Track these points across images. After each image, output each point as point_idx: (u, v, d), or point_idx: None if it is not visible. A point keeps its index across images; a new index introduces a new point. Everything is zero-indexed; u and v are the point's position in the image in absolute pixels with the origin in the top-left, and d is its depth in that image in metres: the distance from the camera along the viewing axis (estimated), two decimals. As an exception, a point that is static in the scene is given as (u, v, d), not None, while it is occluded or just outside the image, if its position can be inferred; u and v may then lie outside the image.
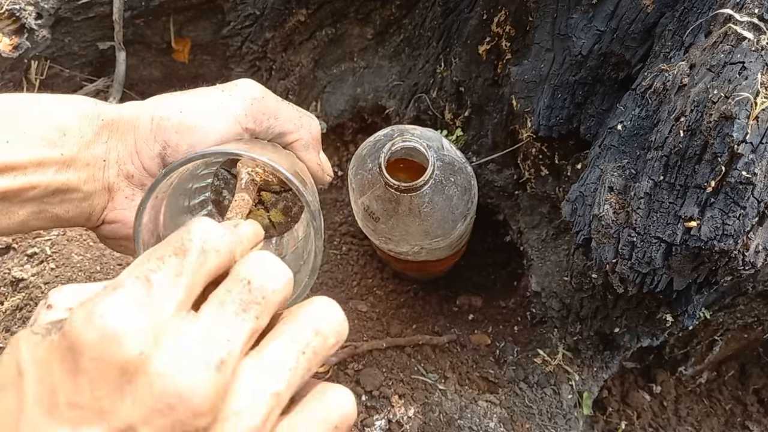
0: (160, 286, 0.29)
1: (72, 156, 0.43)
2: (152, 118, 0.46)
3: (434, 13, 0.89)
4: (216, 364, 0.28)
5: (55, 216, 0.45)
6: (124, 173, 0.46)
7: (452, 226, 0.72)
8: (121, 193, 0.47)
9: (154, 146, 0.45)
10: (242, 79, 0.50)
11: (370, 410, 0.76)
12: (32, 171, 0.42)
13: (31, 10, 0.92)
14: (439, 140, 0.72)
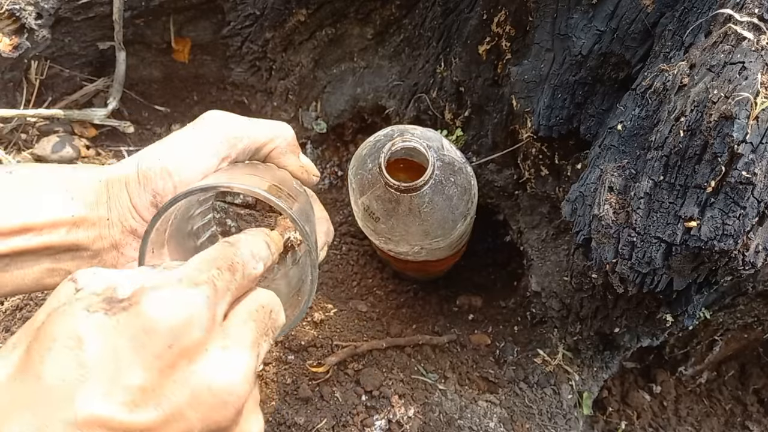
0: (220, 294, 0.35)
1: (81, 217, 0.47)
2: (138, 172, 0.48)
3: (434, 13, 0.90)
4: (251, 375, 0.35)
5: (68, 273, 0.47)
6: (128, 229, 0.49)
7: (452, 226, 0.72)
8: (129, 248, 0.49)
9: (145, 197, 0.48)
10: (207, 112, 0.53)
11: (370, 410, 0.76)
12: (47, 231, 0.45)
13: (31, 10, 0.92)
14: (439, 140, 0.72)
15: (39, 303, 0.86)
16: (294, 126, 1.13)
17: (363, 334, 0.86)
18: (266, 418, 0.76)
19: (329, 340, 0.83)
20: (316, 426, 0.74)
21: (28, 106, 1.00)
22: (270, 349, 0.41)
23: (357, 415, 0.75)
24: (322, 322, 0.85)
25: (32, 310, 0.85)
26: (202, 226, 0.56)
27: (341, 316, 0.87)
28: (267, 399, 0.78)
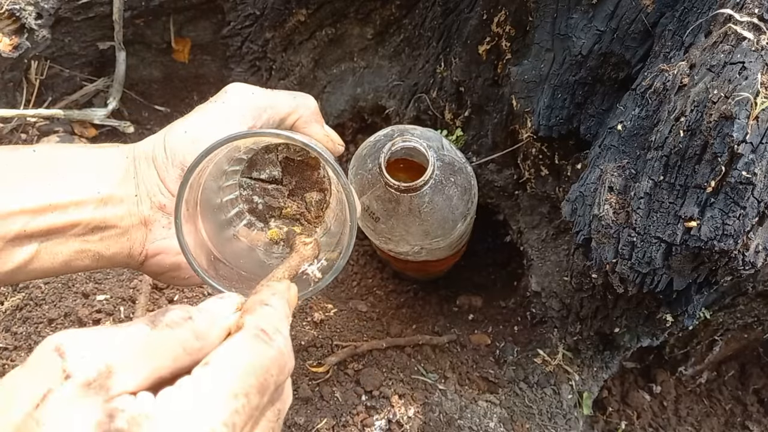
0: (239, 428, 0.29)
1: (108, 194, 0.47)
2: (165, 147, 0.48)
3: (434, 13, 0.89)
4: None
5: (97, 254, 0.48)
6: (156, 205, 0.49)
7: (452, 226, 0.72)
8: (158, 224, 0.49)
9: (173, 171, 0.48)
10: (229, 84, 0.53)
11: (370, 410, 0.76)
12: (73, 209, 0.45)
13: (31, 10, 0.92)
14: (439, 140, 0.72)
15: (38, 303, 0.86)
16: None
17: (363, 334, 0.86)
18: (266, 418, 0.76)
19: (329, 340, 0.83)
20: (316, 426, 0.74)
21: (28, 106, 1.00)
22: None
23: (357, 415, 0.75)
24: (322, 322, 0.85)
25: (32, 310, 0.85)
26: (229, 201, 0.56)
27: (341, 316, 0.87)
28: (267, 399, 0.78)
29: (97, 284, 0.88)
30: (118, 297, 0.87)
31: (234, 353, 0.31)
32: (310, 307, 0.87)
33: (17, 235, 0.43)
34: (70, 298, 0.86)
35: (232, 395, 0.29)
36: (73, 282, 0.88)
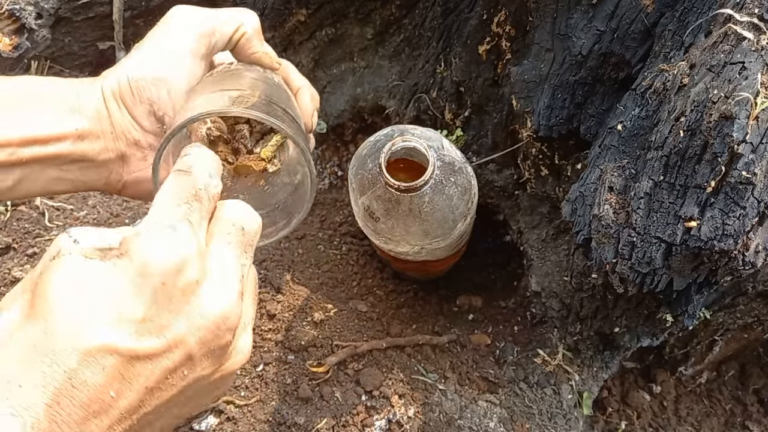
0: (197, 226, 0.38)
1: (86, 130, 0.50)
2: (130, 86, 0.51)
3: (434, 13, 0.90)
4: (239, 294, 0.38)
5: (75, 180, 0.52)
6: (132, 141, 0.52)
7: (452, 226, 0.72)
8: (134, 158, 0.53)
9: (142, 108, 0.51)
10: (173, 9, 0.55)
11: (370, 410, 0.76)
12: (52, 143, 0.48)
13: (31, 10, 0.92)
14: (439, 140, 0.72)
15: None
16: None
17: (363, 334, 0.86)
18: (266, 418, 0.76)
19: (329, 340, 0.83)
20: (316, 426, 0.74)
21: (28, 106, 1.00)
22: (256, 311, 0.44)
23: (357, 415, 0.75)
24: (322, 322, 0.85)
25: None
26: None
27: (341, 316, 0.87)
28: (267, 399, 0.78)
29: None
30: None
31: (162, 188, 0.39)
32: (310, 308, 0.87)
33: (2, 163, 0.47)
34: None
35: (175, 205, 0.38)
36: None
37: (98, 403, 0.33)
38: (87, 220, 0.96)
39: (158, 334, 0.34)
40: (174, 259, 0.35)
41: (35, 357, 0.32)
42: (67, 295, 0.33)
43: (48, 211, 0.95)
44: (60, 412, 0.31)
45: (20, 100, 0.49)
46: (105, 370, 0.33)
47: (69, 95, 0.50)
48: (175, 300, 0.35)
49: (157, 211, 0.38)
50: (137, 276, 0.34)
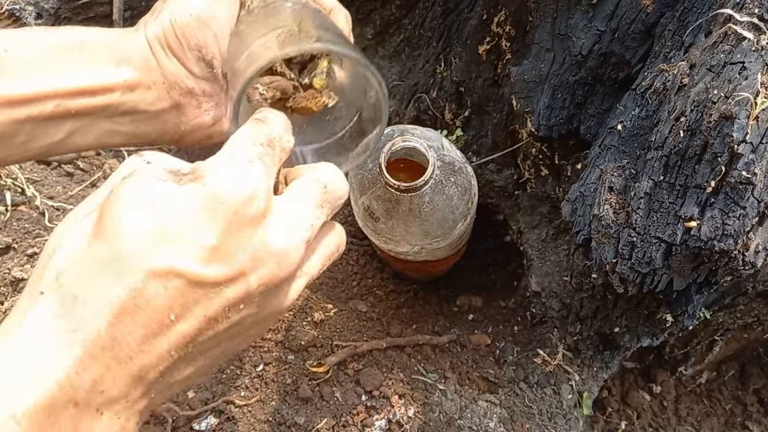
0: (269, 167, 0.38)
1: (135, 80, 0.49)
2: (174, 31, 0.49)
3: (434, 13, 0.90)
4: (304, 239, 0.38)
5: (129, 133, 0.51)
6: (186, 90, 0.51)
7: (452, 226, 0.72)
8: (190, 107, 0.52)
9: (191, 54, 0.50)
10: None
11: (370, 410, 0.76)
12: (101, 95, 0.47)
13: (31, 10, 0.92)
14: (439, 140, 0.72)
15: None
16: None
17: (363, 334, 0.86)
18: (266, 418, 0.76)
19: (329, 340, 0.83)
20: (316, 426, 0.74)
21: (28, 106, 1.00)
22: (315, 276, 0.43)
23: (357, 415, 0.75)
24: (322, 322, 0.85)
25: (32, 310, 0.85)
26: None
27: (341, 316, 0.87)
28: (267, 399, 0.78)
29: (97, 284, 0.88)
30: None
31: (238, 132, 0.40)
32: (310, 307, 0.87)
33: (51, 115, 0.46)
34: (70, 298, 0.86)
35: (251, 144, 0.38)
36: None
37: (158, 324, 0.33)
38: (87, 220, 0.96)
39: (224, 263, 0.34)
40: (247, 190, 0.35)
41: (102, 275, 0.32)
42: (139, 214, 0.33)
43: (48, 211, 0.95)
44: (121, 330, 0.32)
45: (64, 50, 0.47)
46: (168, 292, 0.33)
47: (113, 45, 0.49)
48: (242, 230, 0.35)
49: (232, 146, 0.38)
50: (210, 202, 0.34)
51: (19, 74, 0.45)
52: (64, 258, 0.33)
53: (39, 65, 0.46)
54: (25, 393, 0.30)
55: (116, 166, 1.07)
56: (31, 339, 0.31)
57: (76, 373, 0.31)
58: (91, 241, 0.33)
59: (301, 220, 0.38)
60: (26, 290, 0.34)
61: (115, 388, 0.32)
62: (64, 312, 0.32)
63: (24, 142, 0.46)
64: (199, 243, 0.34)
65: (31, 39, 0.47)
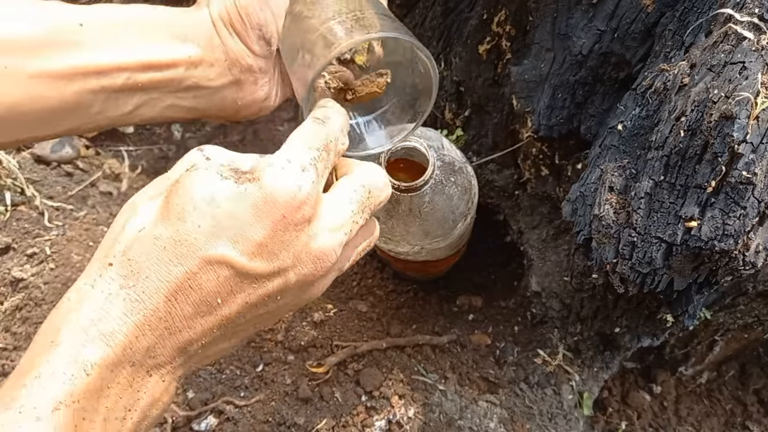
0: (321, 173, 0.42)
1: (197, 57, 0.51)
2: (239, 12, 0.52)
3: (434, 12, 0.89)
4: (342, 242, 0.42)
5: (191, 108, 0.54)
6: (246, 67, 0.53)
7: (452, 226, 0.72)
8: (247, 83, 0.54)
9: (253, 33, 0.52)
10: None
11: (370, 410, 0.76)
12: (166, 69, 0.50)
13: (30, 10, 0.92)
14: (439, 140, 0.72)
15: (38, 303, 0.86)
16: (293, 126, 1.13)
17: (363, 334, 0.86)
18: (266, 418, 0.76)
19: (329, 340, 0.83)
20: (316, 426, 0.74)
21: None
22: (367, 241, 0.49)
23: (357, 415, 0.75)
24: (322, 322, 0.85)
25: (32, 310, 0.85)
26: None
27: (341, 316, 0.87)
28: (267, 399, 0.78)
29: (97, 284, 0.88)
30: (118, 297, 0.87)
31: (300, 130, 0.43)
32: (309, 308, 0.87)
33: (122, 87, 0.49)
34: (70, 298, 0.86)
35: (308, 148, 0.41)
36: (73, 282, 0.87)
37: (206, 305, 0.38)
38: (87, 220, 0.96)
39: (268, 259, 0.39)
40: (298, 197, 0.39)
41: (163, 256, 0.37)
42: (200, 206, 0.37)
43: (48, 211, 0.95)
44: (176, 306, 0.37)
45: (134, 26, 0.50)
46: (218, 279, 0.38)
47: (178, 23, 0.51)
48: (288, 232, 0.39)
49: (291, 148, 0.41)
50: (263, 203, 0.38)
51: (94, 47, 0.47)
52: (132, 234, 0.38)
53: (111, 40, 0.48)
54: (96, 349, 0.35)
55: (115, 167, 1.07)
56: (101, 303, 0.36)
57: (136, 338, 0.36)
58: (157, 223, 0.38)
59: (342, 227, 0.42)
60: (97, 257, 0.39)
61: (164, 355, 0.37)
62: (129, 283, 0.36)
63: (98, 113, 0.49)
64: (249, 239, 0.38)
65: (104, 14, 0.50)
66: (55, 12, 0.47)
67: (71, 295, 0.38)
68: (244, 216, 0.38)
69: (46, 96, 0.46)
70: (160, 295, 0.37)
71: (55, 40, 0.46)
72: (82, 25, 0.47)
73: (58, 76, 0.46)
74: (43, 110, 0.47)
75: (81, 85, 0.47)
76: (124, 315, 0.36)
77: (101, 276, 0.37)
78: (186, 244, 0.37)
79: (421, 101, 0.56)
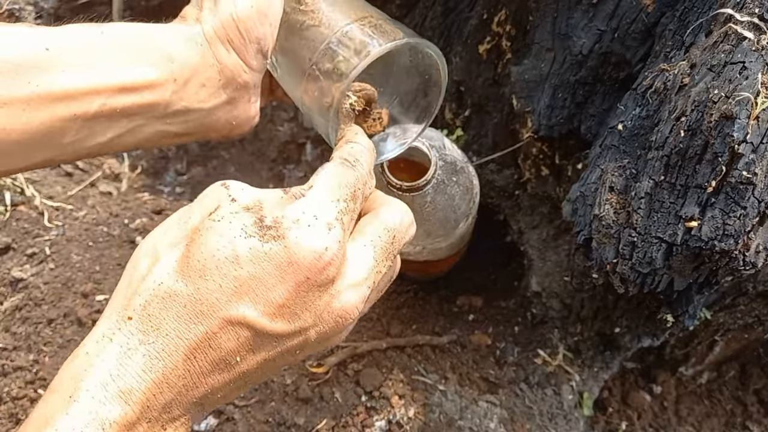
0: (348, 226, 0.41)
1: (186, 77, 0.48)
2: (238, 27, 0.49)
3: (434, 12, 0.89)
4: (365, 296, 0.42)
5: (179, 132, 0.51)
6: (241, 84, 0.51)
7: (454, 225, 0.72)
8: (242, 101, 0.52)
9: (252, 47, 0.50)
10: None
11: (370, 411, 0.76)
12: (147, 90, 0.46)
13: (30, 9, 0.92)
14: (440, 140, 0.72)
15: (38, 303, 0.86)
16: (293, 126, 1.13)
17: (363, 334, 0.86)
18: (266, 419, 0.76)
19: (329, 341, 0.82)
20: (316, 426, 0.74)
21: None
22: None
23: (357, 415, 0.75)
24: (322, 323, 0.85)
25: (32, 310, 0.85)
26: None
27: (341, 317, 0.87)
28: (267, 399, 0.78)
29: (97, 284, 0.88)
30: (118, 297, 0.87)
31: (327, 174, 0.42)
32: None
33: (97, 113, 0.45)
34: (70, 298, 0.86)
35: (334, 200, 0.40)
36: (73, 282, 0.88)
37: (225, 363, 0.38)
38: (87, 220, 0.96)
39: (290, 320, 0.38)
40: (324, 259, 0.38)
41: (184, 313, 0.36)
42: (223, 266, 0.37)
43: (47, 211, 0.95)
44: (194, 364, 0.37)
45: (106, 46, 0.46)
46: (239, 339, 0.37)
47: (160, 40, 0.48)
48: (311, 293, 0.38)
49: (317, 199, 0.40)
50: (287, 265, 0.37)
51: (62, 70, 0.44)
52: (152, 287, 0.37)
53: (82, 61, 0.45)
54: (115, 407, 0.35)
55: (115, 167, 1.07)
56: (120, 357, 0.36)
57: (154, 396, 0.36)
58: (178, 278, 0.37)
59: (365, 280, 0.41)
60: (115, 307, 0.38)
61: (180, 409, 0.37)
62: (149, 339, 0.36)
63: (72, 142, 0.46)
64: (271, 300, 0.37)
65: (76, 35, 0.46)
66: (18, 36, 0.44)
67: (89, 347, 0.37)
68: (267, 277, 0.37)
69: (8, 128, 0.42)
70: (180, 353, 0.36)
71: (18, 65, 0.42)
72: (48, 49, 0.44)
73: (19, 103, 0.42)
74: (6, 142, 0.43)
75: (48, 113, 0.43)
76: (143, 372, 0.36)
77: (120, 329, 0.37)
78: (207, 303, 0.37)
79: (430, 97, 0.56)
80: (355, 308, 0.41)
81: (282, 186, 1.11)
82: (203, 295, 0.36)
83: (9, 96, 0.42)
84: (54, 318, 0.84)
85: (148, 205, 1.00)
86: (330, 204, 0.40)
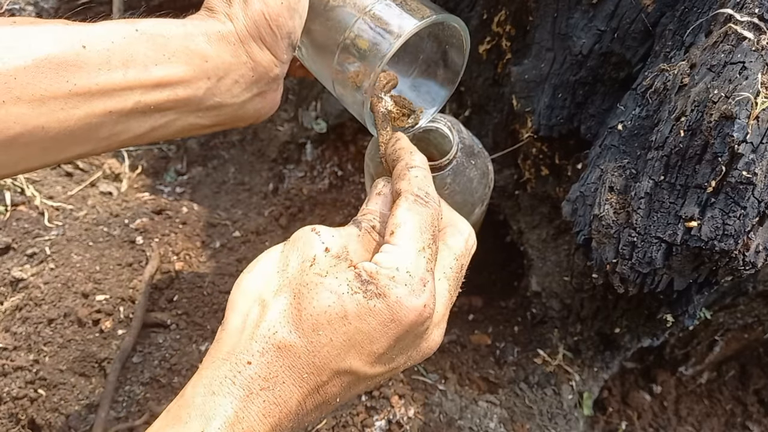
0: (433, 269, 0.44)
1: (218, 76, 0.49)
2: (269, 24, 0.50)
3: (434, 12, 0.89)
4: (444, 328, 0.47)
5: (209, 124, 0.53)
6: (272, 78, 0.52)
7: (471, 210, 0.71)
8: (270, 92, 0.54)
9: (282, 42, 0.51)
10: None
11: (370, 410, 0.76)
12: (182, 86, 0.48)
13: (30, 9, 0.92)
14: (457, 123, 0.71)
15: (38, 303, 0.86)
16: (293, 126, 1.13)
17: (363, 334, 0.86)
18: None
19: (329, 341, 0.82)
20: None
21: (28, 106, 1.00)
22: None
23: (357, 415, 0.75)
24: (322, 322, 0.85)
25: (32, 310, 0.85)
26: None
27: (341, 316, 0.87)
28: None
29: (97, 284, 0.88)
30: (118, 297, 0.87)
31: (407, 220, 0.44)
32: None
33: (133, 109, 0.46)
34: (70, 298, 0.86)
35: (420, 250, 0.43)
36: (73, 282, 0.88)
37: (326, 404, 0.43)
38: (87, 220, 0.96)
39: (386, 363, 0.43)
40: (423, 315, 0.42)
41: (298, 363, 0.40)
42: (333, 322, 0.41)
43: (48, 211, 0.95)
44: (303, 407, 0.41)
45: (141, 43, 0.48)
46: (342, 384, 0.42)
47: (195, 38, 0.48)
48: (407, 343, 0.43)
49: (406, 251, 0.43)
50: (390, 321, 0.41)
51: (98, 68, 0.45)
52: (267, 334, 0.41)
53: (118, 58, 0.46)
54: None
55: (115, 167, 1.07)
56: (244, 400, 0.39)
57: None
58: (292, 329, 0.41)
59: (445, 314, 0.47)
60: (231, 346, 0.41)
61: None
62: (268, 386, 0.40)
63: (107, 137, 0.47)
64: (374, 351, 0.42)
65: (110, 32, 0.48)
66: (55, 34, 0.45)
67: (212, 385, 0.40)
68: (372, 332, 0.41)
69: (46, 126, 0.43)
70: (294, 399, 0.40)
71: (57, 64, 0.43)
72: (85, 47, 0.45)
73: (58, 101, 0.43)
74: (44, 139, 0.44)
75: (85, 110, 0.44)
76: (263, 416, 0.39)
77: (240, 372, 0.40)
78: (319, 356, 0.40)
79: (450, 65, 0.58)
80: (438, 344, 0.46)
81: (282, 186, 1.11)
82: (316, 348, 0.40)
83: (47, 94, 0.43)
84: (54, 318, 0.84)
85: (148, 205, 1.01)
86: (418, 255, 0.43)
